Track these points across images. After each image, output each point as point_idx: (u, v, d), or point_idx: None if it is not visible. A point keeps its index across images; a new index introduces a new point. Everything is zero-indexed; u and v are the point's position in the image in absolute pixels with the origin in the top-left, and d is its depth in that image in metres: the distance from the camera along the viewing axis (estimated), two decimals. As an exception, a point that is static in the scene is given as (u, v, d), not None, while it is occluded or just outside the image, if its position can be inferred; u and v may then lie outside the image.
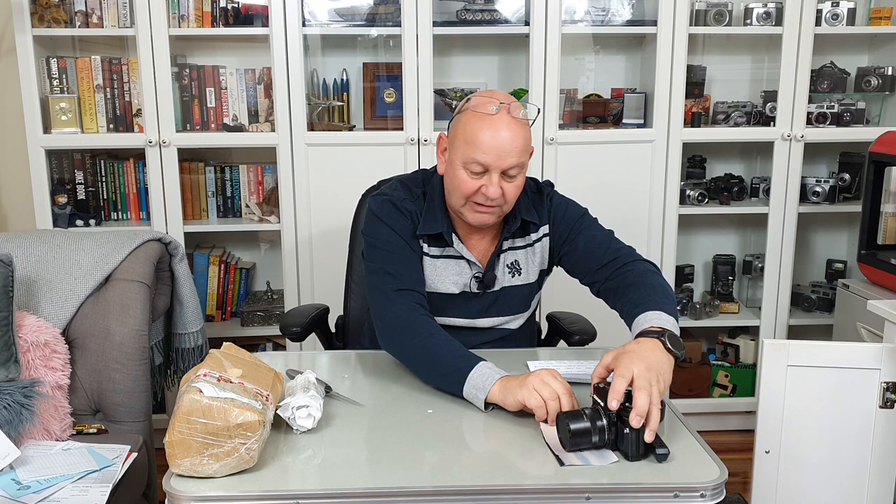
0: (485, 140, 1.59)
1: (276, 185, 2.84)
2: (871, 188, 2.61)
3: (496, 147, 1.59)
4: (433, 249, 1.75)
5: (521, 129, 1.61)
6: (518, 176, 1.64)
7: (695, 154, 3.02)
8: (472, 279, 1.76)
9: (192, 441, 1.20)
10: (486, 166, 1.60)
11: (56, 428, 1.91)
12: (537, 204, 1.79)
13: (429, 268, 1.75)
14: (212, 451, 1.20)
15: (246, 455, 1.21)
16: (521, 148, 1.61)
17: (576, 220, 1.78)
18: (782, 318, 2.98)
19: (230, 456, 1.20)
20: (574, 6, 2.84)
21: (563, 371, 1.61)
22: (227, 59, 2.88)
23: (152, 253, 2.17)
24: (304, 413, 1.34)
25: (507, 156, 1.59)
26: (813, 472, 1.89)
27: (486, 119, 1.60)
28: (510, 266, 1.78)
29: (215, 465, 1.21)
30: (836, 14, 2.80)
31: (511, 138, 1.59)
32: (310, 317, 2.13)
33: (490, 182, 1.61)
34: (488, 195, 1.62)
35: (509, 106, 1.61)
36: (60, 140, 2.73)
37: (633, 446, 1.26)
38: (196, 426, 1.20)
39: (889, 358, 1.83)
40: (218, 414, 1.20)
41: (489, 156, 1.59)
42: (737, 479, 2.59)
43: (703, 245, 3.22)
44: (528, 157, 1.65)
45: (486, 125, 1.60)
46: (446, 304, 1.77)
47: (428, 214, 1.74)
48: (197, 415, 1.20)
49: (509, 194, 1.64)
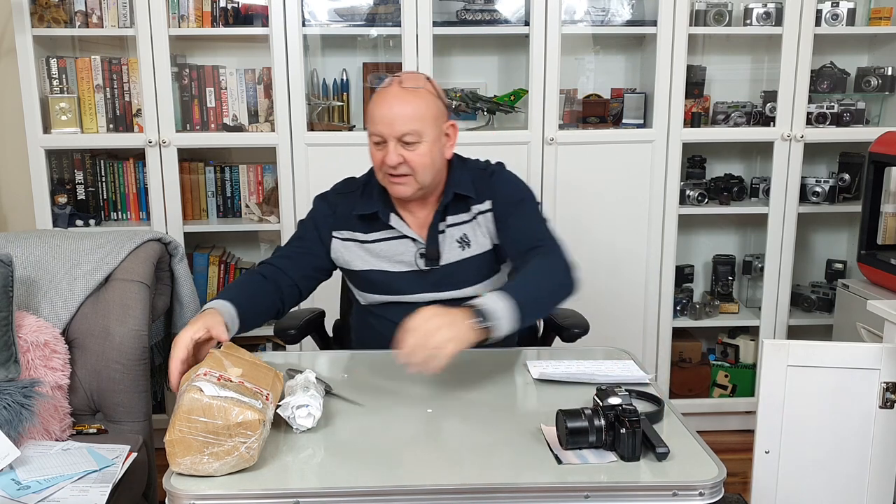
0: (377, 112, 1.72)
1: (275, 185, 2.85)
2: (871, 188, 2.61)
3: (387, 116, 1.70)
4: (373, 234, 1.84)
5: (412, 97, 1.72)
6: (418, 144, 1.71)
7: (695, 154, 3.02)
8: (416, 255, 1.82)
9: (193, 440, 1.20)
10: (383, 136, 1.71)
11: (56, 428, 1.91)
12: (479, 180, 1.85)
13: (374, 252, 1.84)
14: (212, 449, 1.20)
15: (246, 454, 1.21)
16: (412, 116, 1.70)
17: (514, 201, 1.83)
18: (782, 318, 2.98)
19: (230, 455, 1.21)
20: (574, 6, 2.84)
21: (563, 371, 1.62)
22: (227, 59, 2.88)
23: (152, 253, 2.17)
24: (304, 412, 1.35)
25: (396, 123, 1.69)
26: (813, 472, 1.89)
27: (379, 93, 1.75)
28: (460, 240, 1.83)
29: (215, 464, 1.21)
30: (835, 14, 2.80)
31: (401, 105, 1.70)
32: (304, 320, 2.13)
33: (388, 151, 1.71)
34: (388, 163, 1.71)
35: (401, 78, 1.75)
36: (60, 140, 2.73)
37: (629, 448, 1.26)
38: (196, 425, 1.20)
39: (889, 358, 1.83)
40: (218, 413, 1.20)
41: (382, 125, 1.71)
42: (736, 480, 2.59)
43: (703, 245, 3.22)
44: (429, 126, 1.72)
45: (378, 98, 1.73)
46: (401, 283, 1.83)
47: (363, 198, 1.85)
48: (197, 413, 1.20)
49: (413, 162, 1.72)
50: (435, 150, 1.74)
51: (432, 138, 1.73)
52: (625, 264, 2.88)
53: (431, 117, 1.73)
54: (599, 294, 2.86)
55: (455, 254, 1.83)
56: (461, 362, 1.70)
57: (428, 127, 1.72)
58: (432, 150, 1.73)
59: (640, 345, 2.94)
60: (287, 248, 1.90)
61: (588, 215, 2.82)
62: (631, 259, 2.88)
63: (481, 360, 1.73)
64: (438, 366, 1.38)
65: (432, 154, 1.74)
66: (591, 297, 2.85)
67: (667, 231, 2.87)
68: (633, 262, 2.88)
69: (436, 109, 1.75)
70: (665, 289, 2.92)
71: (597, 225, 2.83)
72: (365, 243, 1.85)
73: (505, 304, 1.48)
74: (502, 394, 1.60)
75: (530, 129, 2.77)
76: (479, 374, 1.66)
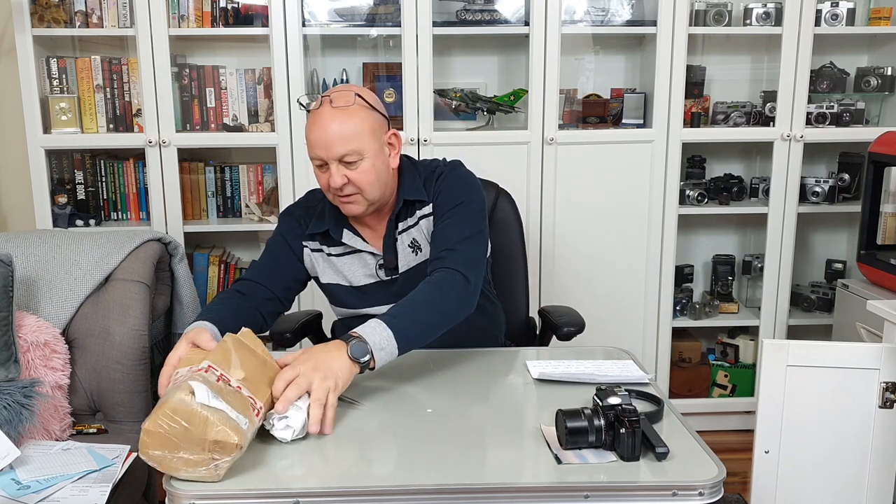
0: (312, 136, 1.67)
1: (275, 185, 2.85)
2: (871, 188, 2.61)
3: (322, 139, 1.65)
4: (335, 249, 1.82)
5: (344, 116, 1.64)
6: (360, 162, 1.66)
7: (694, 154, 3.02)
8: (377, 267, 1.80)
9: (169, 438, 1.18)
10: (323, 160, 1.66)
11: (56, 428, 1.91)
12: (428, 182, 1.80)
13: (336, 267, 1.83)
14: (184, 454, 1.18)
15: (214, 471, 1.19)
16: (348, 135, 1.64)
17: (451, 206, 1.76)
18: (782, 318, 2.98)
19: (199, 466, 1.19)
20: (574, 6, 2.84)
21: (563, 371, 1.62)
22: (227, 59, 2.88)
23: (152, 253, 2.17)
24: (283, 424, 1.33)
25: (334, 145, 1.64)
26: (812, 472, 1.89)
27: (311, 116, 1.68)
28: (411, 245, 1.80)
29: (182, 469, 1.19)
30: (835, 14, 2.80)
31: (335, 128, 1.64)
32: (300, 322, 2.13)
33: (331, 173, 1.66)
34: (333, 185, 1.66)
35: (330, 97, 1.66)
36: (60, 140, 2.73)
37: (629, 448, 1.26)
38: (177, 427, 1.18)
39: (888, 358, 1.83)
40: (200, 424, 1.18)
41: (319, 149, 1.65)
42: (736, 479, 2.59)
43: (703, 245, 3.22)
44: (367, 142, 1.65)
45: (312, 122, 1.67)
46: (367, 295, 1.82)
47: (318, 216, 1.82)
48: (181, 416, 1.19)
49: (358, 181, 1.67)
50: (379, 163, 1.69)
51: (373, 153, 1.67)
52: (625, 264, 2.88)
53: (368, 132, 1.66)
54: (599, 294, 2.86)
55: (410, 259, 1.80)
56: (461, 362, 1.71)
57: (366, 143, 1.66)
58: (376, 164, 1.68)
59: (640, 345, 2.94)
60: (260, 262, 1.86)
61: (588, 215, 2.82)
62: (631, 259, 2.88)
63: (481, 360, 1.73)
64: (331, 421, 1.35)
65: (377, 169, 1.69)
66: (590, 296, 2.86)
67: (666, 231, 2.87)
68: (633, 261, 2.88)
69: (371, 122, 1.68)
70: (665, 289, 2.92)
71: (596, 225, 2.83)
72: (331, 256, 1.83)
73: (385, 334, 1.46)
74: (502, 394, 1.60)
75: (530, 129, 2.77)
76: (479, 374, 1.66)
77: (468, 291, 1.64)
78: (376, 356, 1.45)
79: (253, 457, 1.29)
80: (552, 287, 2.82)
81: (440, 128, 2.83)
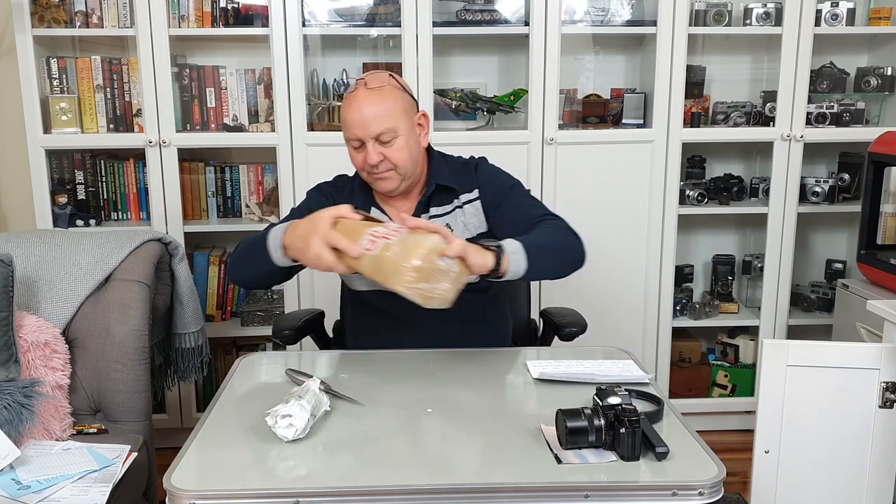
0: (349, 117, 1.76)
1: (276, 185, 2.85)
2: (871, 188, 2.61)
3: (359, 119, 1.74)
4: None
5: (379, 97, 1.75)
6: (395, 140, 1.75)
7: (694, 154, 3.02)
8: None
9: (431, 272, 1.45)
10: (360, 139, 1.75)
11: (56, 428, 1.91)
12: (461, 172, 1.90)
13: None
14: (445, 283, 1.46)
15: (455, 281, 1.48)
16: (383, 114, 1.74)
17: (504, 188, 1.88)
18: (782, 318, 2.98)
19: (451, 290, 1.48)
20: (574, 6, 2.84)
21: (563, 370, 1.62)
22: (227, 59, 2.88)
23: (152, 253, 2.17)
24: (286, 423, 1.33)
25: (370, 124, 1.73)
26: (812, 472, 1.89)
27: (347, 98, 1.78)
28: None
29: (440, 296, 1.46)
30: (835, 14, 2.80)
31: (369, 106, 1.74)
32: (302, 320, 2.13)
33: (367, 151, 1.75)
34: (370, 163, 1.75)
35: (365, 80, 1.78)
36: (60, 140, 2.73)
37: (629, 447, 1.26)
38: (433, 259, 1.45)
39: (889, 358, 1.83)
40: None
41: (356, 129, 1.75)
42: (736, 479, 2.59)
43: (703, 245, 3.22)
44: (401, 121, 1.76)
45: (348, 104, 1.77)
46: None
47: (347, 196, 1.88)
48: (436, 254, 1.46)
49: (394, 158, 1.76)
50: (411, 142, 1.79)
51: (406, 131, 1.77)
52: (625, 264, 2.88)
53: (402, 111, 1.77)
54: (599, 294, 2.86)
55: None
56: (461, 362, 1.71)
57: (400, 122, 1.76)
58: (409, 142, 1.78)
59: (640, 345, 2.94)
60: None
61: (588, 215, 2.82)
62: (631, 259, 2.88)
63: (481, 359, 1.74)
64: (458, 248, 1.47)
65: (409, 147, 1.78)
66: (590, 296, 2.86)
67: (666, 231, 2.87)
68: (633, 261, 2.89)
69: (404, 103, 1.79)
70: (665, 289, 2.92)
71: (596, 225, 2.83)
72: None
73: (516, 244, 1.57)
74: (502, 394, 1.60)
75: (530, 129, 2.77)
76: (479, 374, 1.66)
77: (578, 237, 1.75)
78: (508, 261, 1.54)
79: (253, 457, 1.30)
80: (552, 287, 2.82)
81: (440, 128, 2.83)
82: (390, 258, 1.47)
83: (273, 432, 1.33)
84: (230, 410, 1.50)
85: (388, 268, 1.47)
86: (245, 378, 1.67)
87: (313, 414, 1.36)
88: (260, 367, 1.74)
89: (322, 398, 1.42)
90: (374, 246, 1.50)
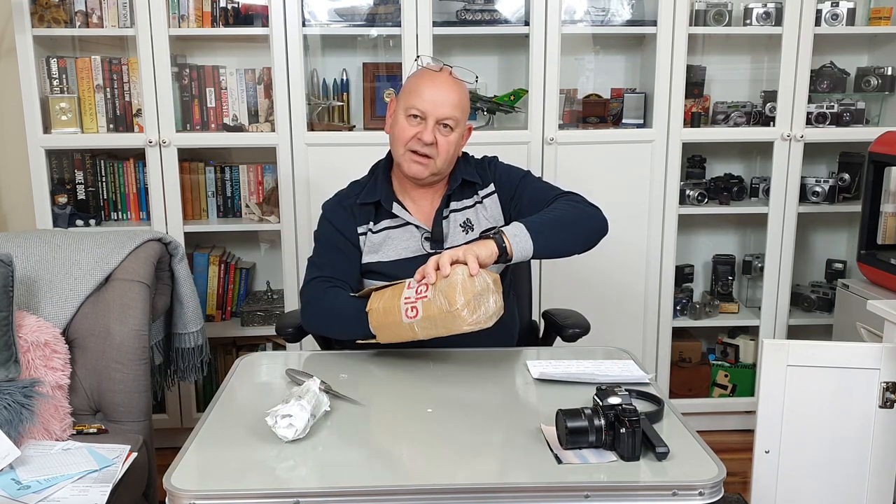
0: (425, 89, 1.82)
1: (276, 185, 2.85)
2: (871, 188, 2.61)
3: (435, 97, 1.81)
4: (381, 223, 1.90)
5: (460, 88, 1.85)
6: (452, 132, 1.83)
7: (694, 154, 3.02)
8: (422, 240, 1.88)
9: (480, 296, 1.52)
10: (424, 113, 1.80)
11: (56, 428, 1.91)
12: (480, 169, 1.97)
13: (378, 243, 1.88)
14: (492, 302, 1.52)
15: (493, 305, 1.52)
16: (456, 103, 1.82)
17: (518, 179, 1.95)
18: (782, 318, 2.98)
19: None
20: (574, 6, 2.84)
21: (563, 370, 1.62)
22: (227, 59, 2.88)
23: (152, 253, 2.17)
24: (286, 423, 1.33)
25: (443, 106, 1.80)
26: (813, 471, 1.89)
27: (429, 73, 1.86)
28: (463, 225, 1.91)
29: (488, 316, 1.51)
30: (835, 14, 2.80)
31: (448, 91, 1.82)
32: None
33: (426, 128, 1.80)
34: (423, 139, 1.80)
35: (451, 69, 1.89)
36: (60, 140, 2.73)
37: (629, 447, 1.26)
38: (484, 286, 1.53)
39: (889, 358, 1.83)
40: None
41: (428, 103, 1.80)
42: (736, 479, 2.59)
43: (703, 245, 3.22)
44: (463, 118, 1.85)
45: (428, 78, 1.84)
46: (407, 268, 1.81)
47: (370, 187, 1.92)
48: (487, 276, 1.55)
49: (442, 147, 1.82)
50: (459, 140, 1.87)
51: (461, 130, 1.86)
52: (625, 264, 2.88)
53: (465, 112, 1.87)
54: (599, 294, 2.86)
55: (459, 237, 1.88)
56: (461, 362, 1.71)
57: (461, 118, 1.85)
58: (458, 140, 1.86)
59: (640, 345, 2.94)
60: (328, 260, 1.88)
61: (588, 215, 2.82)
62: (631, 259, 2.88)
63: (481, 360, 1.74)
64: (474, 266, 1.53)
65: (457, 144, 1.86)
66: (591, 296, 2.86)
67: (667, 231, 2.87)
68: (634, 261, 2.88)
69: (468, 107, 1.90)
70: (665, 289, 2.92)
71: (597, 225, 2.83)
72: (383, 231, 1.90)
73: (518, 225, 1.66)
74: (502, 394, 1.60)
75: (530, 129, 2.77)
76: (479, 374, 1.66)
77: (595, 207, 1.83)
78: (511, 241, 1.62)
79: (253, 457, 1.30)
80: (552, 287, 2.82)
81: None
82: (438, 314, 1.51)
83: (273, 432, 1.33)
84: (230, 410, 1.50)
85: (442, 322, 1.51)
86: (245, 378, 1.67)
87: (313, 414, 1.36)
88: (260, 367, 1.74)
89: (322, 398, 1.42)
90: (416, 312, 1.54)
